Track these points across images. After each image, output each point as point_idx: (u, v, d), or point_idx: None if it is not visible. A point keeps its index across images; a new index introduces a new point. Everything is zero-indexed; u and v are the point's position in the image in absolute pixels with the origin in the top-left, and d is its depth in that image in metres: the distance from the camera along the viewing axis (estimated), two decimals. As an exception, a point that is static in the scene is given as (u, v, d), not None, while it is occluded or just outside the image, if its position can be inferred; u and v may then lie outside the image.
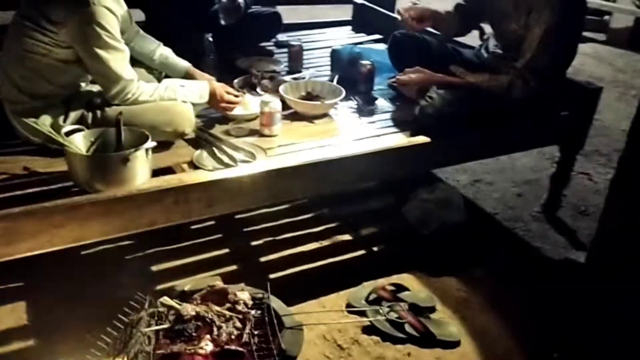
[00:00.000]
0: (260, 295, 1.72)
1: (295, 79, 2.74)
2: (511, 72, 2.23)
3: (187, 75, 2.28)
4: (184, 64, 2.33)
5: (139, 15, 2.62)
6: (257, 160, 1.98)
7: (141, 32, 2.28)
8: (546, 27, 2.13)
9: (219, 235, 2.40)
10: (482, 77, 2.28)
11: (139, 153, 1.73)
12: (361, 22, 3.76)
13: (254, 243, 2.38)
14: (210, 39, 2.59)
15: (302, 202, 2.62)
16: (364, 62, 2.66)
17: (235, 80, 2.63)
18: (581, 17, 2.39)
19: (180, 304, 1.64)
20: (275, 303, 1.82)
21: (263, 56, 3.06)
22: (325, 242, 2.40)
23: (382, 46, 3.02)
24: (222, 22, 2.81)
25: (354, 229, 2.50)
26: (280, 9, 3.30)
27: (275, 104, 2.19)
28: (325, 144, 2.18)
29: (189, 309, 1.66)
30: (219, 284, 1.70)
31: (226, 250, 2.31)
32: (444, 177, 2.96)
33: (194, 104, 2.11)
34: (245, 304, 1.75)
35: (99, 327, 1.65)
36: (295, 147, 2.15)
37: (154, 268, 2.17)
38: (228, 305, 1.74)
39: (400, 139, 2.20)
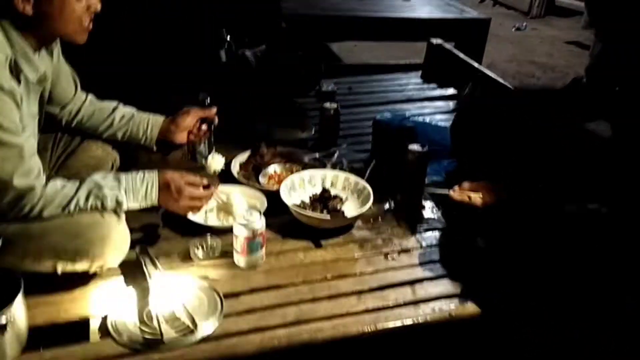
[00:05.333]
0: None
1: (316, 159, 2.00)
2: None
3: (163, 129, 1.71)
4: (158, 117, 1.72)
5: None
6: (195, 334, 1.27)
7: (92, 98, 1.65)
8: None
9: None
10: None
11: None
12: (434, 68, 2.95)
13: None
14: (208, 101, 1.93)
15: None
16: (413, 147, 1.87)
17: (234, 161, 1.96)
18: None
19: None
20: None
21: (290, 118, 2.35)
22: None
23: (446, 120, 2.21)
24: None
25: None
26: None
27: (256, 224, 1.47)
28: (321, 296, 1.42)
29: None
30: None
31: None
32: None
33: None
34: None
35: None
36: (271, 297, 1.41)
37: None
38: None
39: (441, 302, 1.40)
